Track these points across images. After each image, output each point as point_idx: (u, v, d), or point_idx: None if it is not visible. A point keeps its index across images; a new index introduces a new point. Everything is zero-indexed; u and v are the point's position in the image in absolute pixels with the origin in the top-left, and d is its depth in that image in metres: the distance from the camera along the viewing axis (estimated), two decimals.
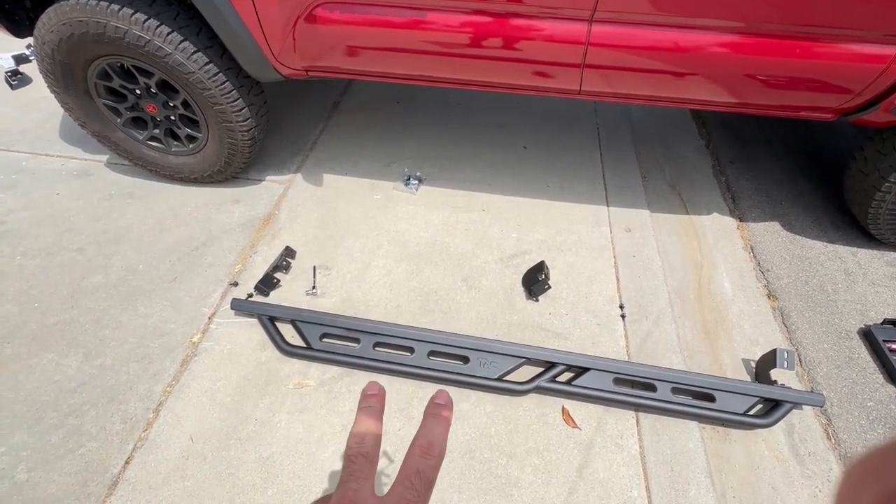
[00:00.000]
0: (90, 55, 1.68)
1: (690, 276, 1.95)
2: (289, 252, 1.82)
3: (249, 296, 1.69)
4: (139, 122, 1.96)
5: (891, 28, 1.37)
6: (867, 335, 1.76)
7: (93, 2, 1.52)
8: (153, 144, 2.00)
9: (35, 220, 1.94)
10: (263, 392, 1.48)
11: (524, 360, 1.53)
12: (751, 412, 1.48)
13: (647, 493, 1.32)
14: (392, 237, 1.96)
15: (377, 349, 1.55)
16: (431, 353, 1.54)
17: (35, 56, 1.73)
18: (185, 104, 1.82)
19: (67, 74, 1.74)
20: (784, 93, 1.57)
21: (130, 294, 1.71)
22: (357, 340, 1.56)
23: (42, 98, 2.45)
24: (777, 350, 1.51)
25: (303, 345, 1.56)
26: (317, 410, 1.44)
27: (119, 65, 1.73)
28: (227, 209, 2.04)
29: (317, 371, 1.53)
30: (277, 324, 1.61)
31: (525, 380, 1.49)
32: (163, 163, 2.04)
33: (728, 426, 1.49)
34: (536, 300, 1.76)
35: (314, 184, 2.17)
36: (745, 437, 1.48)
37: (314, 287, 1.74)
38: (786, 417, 1.48)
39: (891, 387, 1.64)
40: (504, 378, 1.50)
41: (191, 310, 1.67)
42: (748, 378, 1.62)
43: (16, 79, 2.64)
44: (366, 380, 1.51)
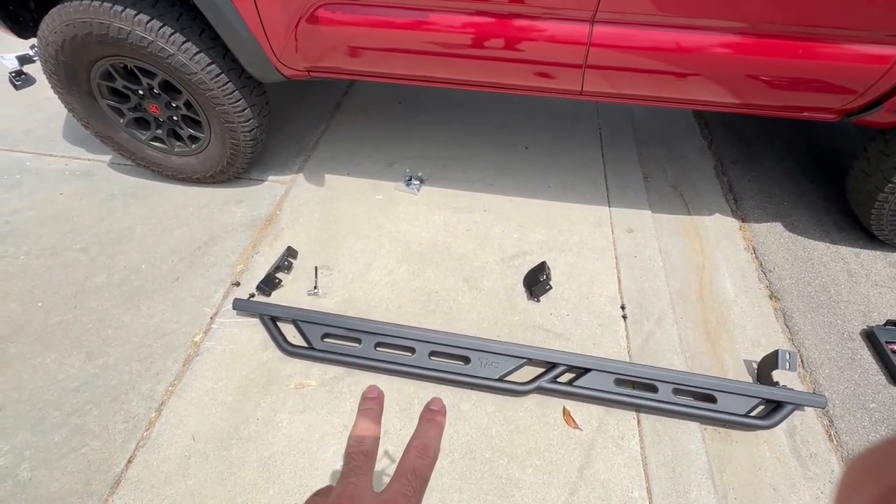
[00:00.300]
0: (94, 56, 1.68)
1: (692, 277, 1.94)
2: (290, 252, 1.83)
3: (251, 296, 1.70)
4: (142, 123, 1.97)
5: (894, 28, 1.36)
6: (870, 336, 1.76)
7: (96, 3, 1.52)
8: (156, 145, 2.01)
9: (39, 220, 1.95)
10: (265, 392, 1.48)
11: (525, 361, 1.53)
12: (752, 413, 1.48)
13: (649, 495, 1.32)
14: (394, 237, 1.96)
15: (378, 349, 1.56)
16: (433, 354, 1.54)
17: (39, 57, 1.74)
18: (188, 105, 1.82)
19: (71, 75, 1.75)
20: (787, 93, 1.57)
21: (133, 294, 1.72)
22: (358, 340, 1.56)
23: (46, 98, 2.45)
24: (779, 351, 1.50)
25: (304, 345, 1.56)
26: (318, 410, 1.45)
27: (122, 65, 1.74)
28: (230, 209, 2.04)
29: (318, 371, 1.54)
30: (279, 324, 1.61)
31: (526, 380, 1.49)
32: (165, 163, 2.05)
33: (729, 427, 1.49)
34: (538, 301, 1.76)
35: (316, 184, 2.18)
36: (747, 439, 1.48)
37: (316, 287, 1.75)
38: (788, 419, 1.48)
39: (893, 388, 1.63)
40: (505, 378, 1.50)
41: (193, 310, 1.68)
42: (750, 379, 1.62)
43: (20, 79, 2.63)
44: (367, 380, 1.51)
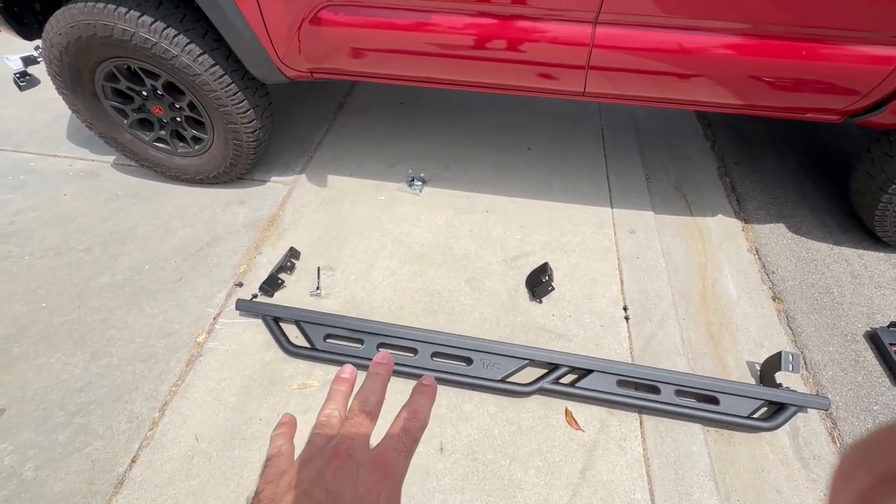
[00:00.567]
0: (98, 57, 1.69)
1: (695, 278, 1.94)
2: (293, 253, 1.83)
3: (254, 296, 1.70)
4: (145, 124, 1.97)
5: None
6: (873, 338, 1.75)
7: (100, 5, 1.53)
8: (159, 146, 2.02)
9: (43, 221, 1.96)
10: (268, 392, 1.48)
11: (527, 362, 1.53)
12: (755, 415, 1.47)
13: (651, 496, 1.32)
14: (396, 238, 1.96)
15: (381, 350, 1.55)
16: (435, 355, 1.54)
17: (43, 58, 1.74)
18: (191, 106, 1.83)
19: (75, 76, 1.76)
20: (790, 94, 1.57)
21: (136, 294, 1.73)
22: (361, 341, 1.56)
23: (50, 99, 2.47)
24: (782, 352, 1.50)
25: (307, 345, 1.57)
26: None
27: (126, 67, 1.75)
28: (232, 210, 2.05)
29: (321, 371, 1.54)
30: (282, 324, 1.62)
31: (528, 381, 1.49)
32: (169, 164, 2.06)
33: (732, 429, 1.49)
34: (540, 302, 1.76)
35: (318, 185, 2.18)
36: (750, 440, 1.47)
37: (318, 288, 1.75)
38: (791, 421, 1.47)
39: None
40: (507, 379, 1.50)
41: (196, 310, 1.69)
42: (753, 381, 1.61)
43: (24, 80, 2.66)
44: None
